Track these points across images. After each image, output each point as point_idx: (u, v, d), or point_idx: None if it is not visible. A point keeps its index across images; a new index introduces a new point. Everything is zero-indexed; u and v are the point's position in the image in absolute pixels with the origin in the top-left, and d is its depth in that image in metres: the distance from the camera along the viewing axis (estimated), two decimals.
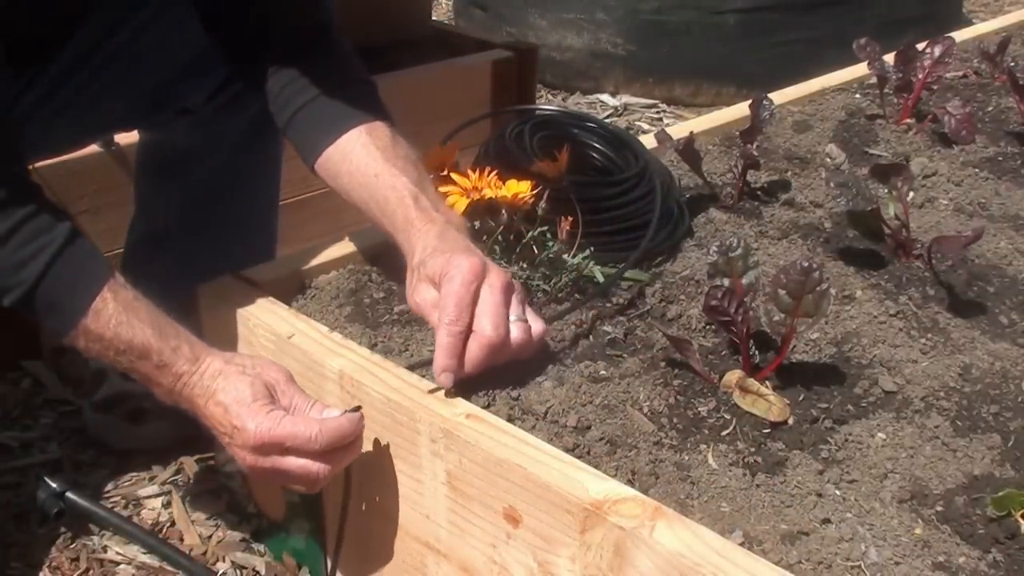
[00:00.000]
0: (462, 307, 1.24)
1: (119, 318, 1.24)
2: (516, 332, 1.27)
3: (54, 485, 1.34)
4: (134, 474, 1.81)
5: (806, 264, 1.26)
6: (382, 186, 1.40)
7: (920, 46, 2.16)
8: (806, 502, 1.14)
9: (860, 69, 2.37)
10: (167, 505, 1.74)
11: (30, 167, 1.89)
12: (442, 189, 1.45)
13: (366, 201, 1.42)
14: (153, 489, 1.78)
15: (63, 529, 1.66)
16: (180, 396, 1.26)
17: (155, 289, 1.73)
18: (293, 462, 1.21)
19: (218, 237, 1.69)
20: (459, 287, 1.24)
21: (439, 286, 1.27)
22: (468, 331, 1.24)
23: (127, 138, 1.89)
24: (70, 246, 1.24)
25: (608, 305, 1.47)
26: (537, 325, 1.30)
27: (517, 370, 1.31)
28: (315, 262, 1.57)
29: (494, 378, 1.29)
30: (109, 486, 1.78)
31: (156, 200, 1.76)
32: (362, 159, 1.42)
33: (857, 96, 2.30)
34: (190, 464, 1.81)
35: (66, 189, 2.01)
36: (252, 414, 1.20)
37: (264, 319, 1.42)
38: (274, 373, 1.25)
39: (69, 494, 1.34)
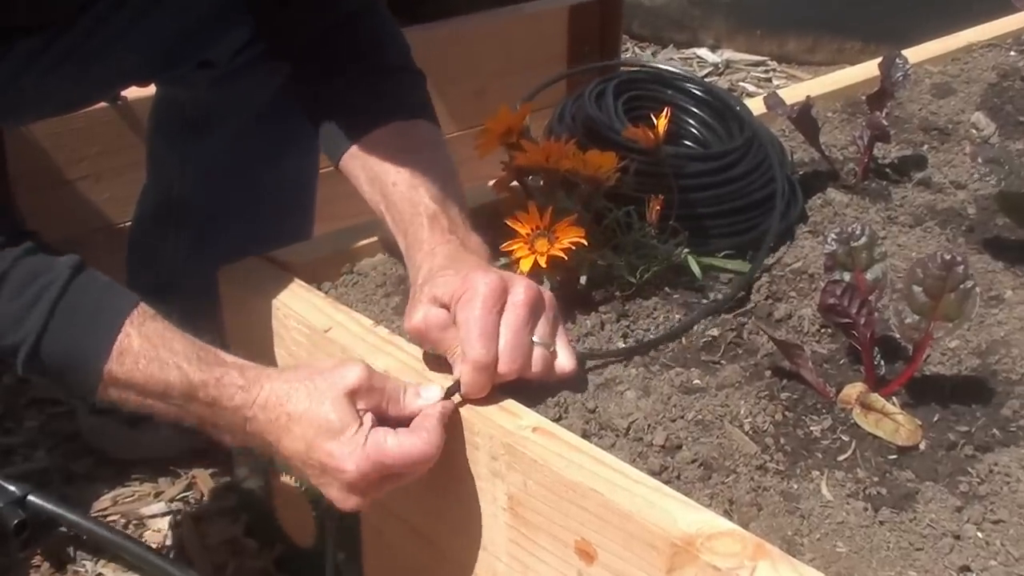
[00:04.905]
0: (488, 337, 1.23)
1: (149, 355, 1.22)
2: (537, 361, 1.26)
3: (12, 488, 1.29)
4: (137, 489, 1.83)
5: (948, 256, 1.25)
6: (398, 197, 1.41)
7: None
8: (940, 545, 1.14)
9: (1017, 20, 2.34)
10: (175, 526, 1.76)
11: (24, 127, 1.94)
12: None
13: (383, 212, 1.44)
14: (159, 507, 1.80)
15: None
16: (249, 436, 1.24)
17: (168, 270, 1.76)
18: (405, 479, 1.21)
19: (243, 211, 1.71)
20: (482, 314, 1.23)
21: (452, 309, 1.27)
22: (496, 363, 1.24)
23: (136, 92, 1.92)
24: (76, 281, 1.23)
25: (704, 302, 1.48)
26: (566, 359, 1.29)
27: (594, 375, 1.33)
28: (358, 243, 1.59)
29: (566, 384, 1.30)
30: (107, 502, 1.80)
31: (172, 165, 1.78)
32: (383, 163, 1.43)
33: (1012, 54, 2.28)
34: (203, 478, 1.83)
35: (63, 151, 2.05)
36: (347, 451, 1.18)
37: (297, 309, 1.44)
38: (351, 376, 1.21)
39: (31, 497, 1.29)
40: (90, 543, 1.32)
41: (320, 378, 1.22)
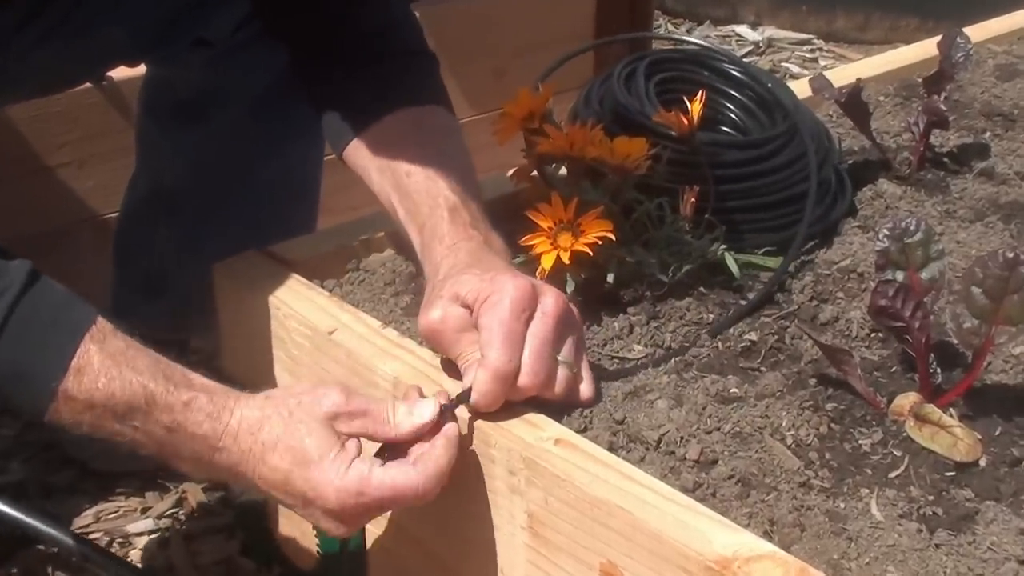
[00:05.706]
0: (513, 343, 1.23)
1: (111, 373, 1.20)
2: (560, 382, 1.26)
3: None
4: (122, 504, 1.83)
5: (1011, 254, 1.25)
6: (413, 188, 1.41)
7: None
8: (1003, 571, 1.14)
9: None
10: (164, 545, 1.76)
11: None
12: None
13: (394, 205, 1.44)
14: (146, 524, 1.80)
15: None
16: (216, 467, 1.23)
17: (159, 265, 1.76)
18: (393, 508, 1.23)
19: (242, 203, 1.71)
20: (509, 318, 1.23)
21: (474, 311, 1.26)
22: (518, 373, 1.24)
23: (124, 71, 1.92)
24: (32, 290, 1.21)
25: (742, 303, 1.48)
26: (587, 386, 1.30)
27: (621, 382, 1.33)
28: (365, 237, 1.59)
29: None
30: (89, 519, 1.81)
31: (163, 152, 1.79)
32: (395, 152, 1.43)
33: None
34: (194, 493, 1.84)
35: (43, 136, 2.05)
36: (327, 478, 1.18)
37: (298, 308, 1.45)
38: (327, 401, 1.22)
39: None
40: (61, 556, 1.31)
41: (295, 403, 1.22)
